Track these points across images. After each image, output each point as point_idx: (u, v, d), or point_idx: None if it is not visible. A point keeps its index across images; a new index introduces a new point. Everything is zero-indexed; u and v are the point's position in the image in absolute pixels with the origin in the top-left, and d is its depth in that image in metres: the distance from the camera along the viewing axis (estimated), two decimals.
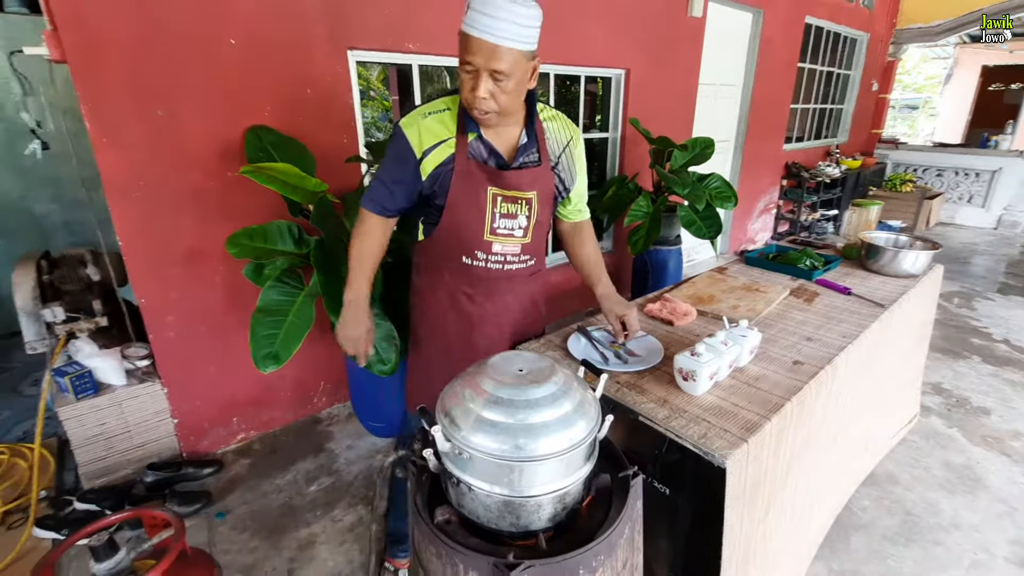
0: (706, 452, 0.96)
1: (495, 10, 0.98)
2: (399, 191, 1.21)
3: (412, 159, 1.17)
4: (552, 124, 1.28)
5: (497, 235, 1.23)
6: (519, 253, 1.28)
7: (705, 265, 4.75)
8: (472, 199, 1.19)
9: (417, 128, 1.16)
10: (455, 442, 0.78)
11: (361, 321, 1.25)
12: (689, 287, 1.80)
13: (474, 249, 1.24)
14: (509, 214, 1.22)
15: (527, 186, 1.22)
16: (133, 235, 1.87)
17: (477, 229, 1.22)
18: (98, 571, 0.94)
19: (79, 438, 1.95)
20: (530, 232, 1.27)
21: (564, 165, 1.30)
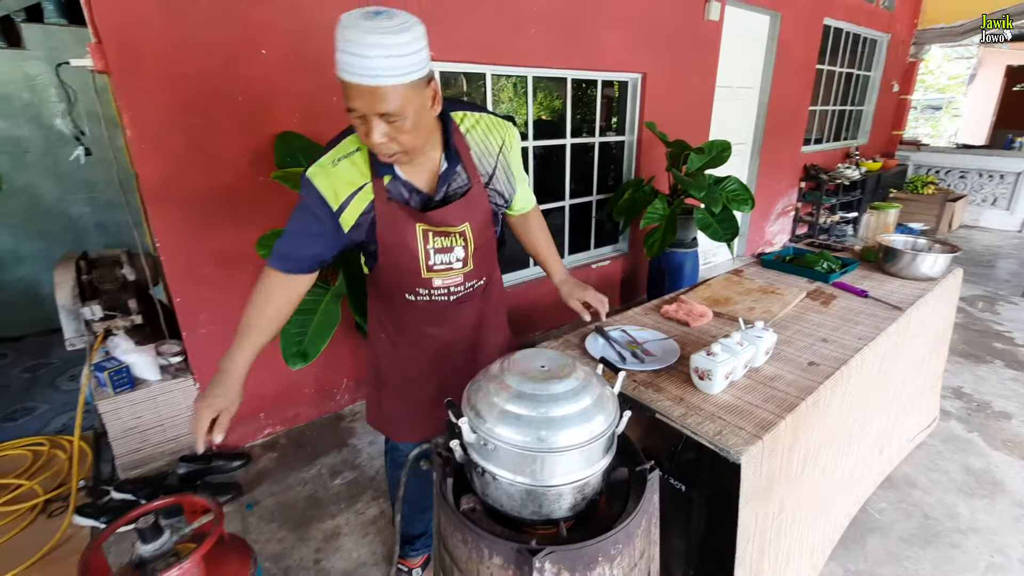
0: (721, 448, 1.00)
1: (364, 48, 0.83)
2: (311, 245, 1.08)
3: (327, 212, 1.06)
4: (476, 134, 1.13)
5: (435, 271, 1.15)
6: (463, 282, 1.20)
7: (722, 267, 4.75)
8: (401, 241, 1.10)
9: (328, 179, 1.04)
10: (480, 433, 0.83)
11: (224, 395, 1.04)
12: (705, 289, 1.83)
13: (415, 287, 1.17)
14: (443, 248, 1.13)
15: (456, 220, 1.11)
16: (169, 237, 1.96)
17: (413, 269, 1.14)
18: (144, 552, 1.00)
19: (116, 430, 2.04)
20: (470, 260, 1.18)
21: (500, 175, 1.17)
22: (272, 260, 1.10)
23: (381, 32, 0.84)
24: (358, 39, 0.84)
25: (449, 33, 2.47)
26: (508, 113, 3.41)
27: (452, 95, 3.54)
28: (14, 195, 3.48)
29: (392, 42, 0.84)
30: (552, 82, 3.30)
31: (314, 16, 2.07)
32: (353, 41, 0.84)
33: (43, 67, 3.37)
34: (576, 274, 3.42)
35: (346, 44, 0.85)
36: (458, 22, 2.48)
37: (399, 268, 1.14)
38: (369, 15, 0.86)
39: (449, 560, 0.93)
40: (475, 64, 2.66)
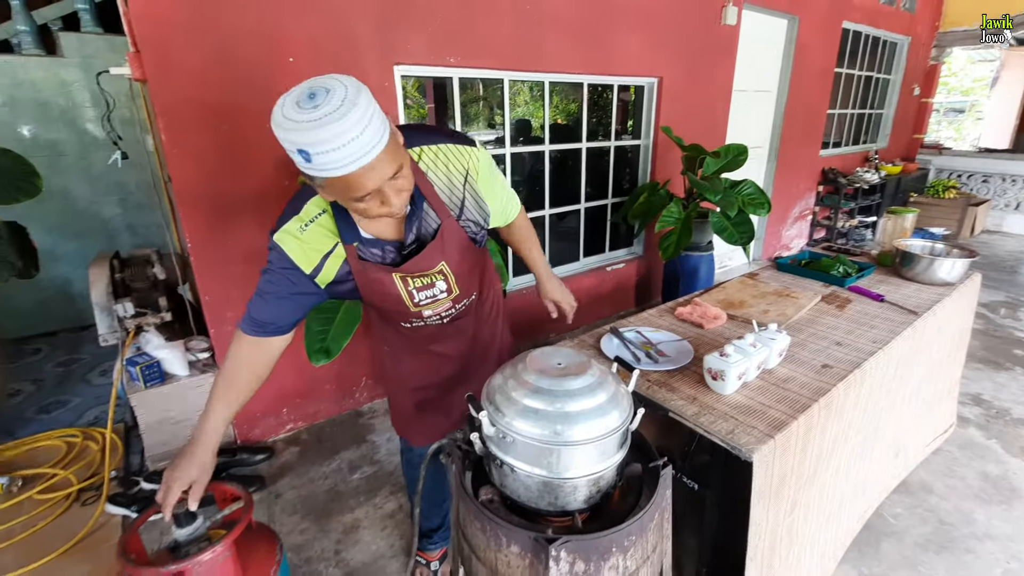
0: (733, 447, 1.02)
1: (333, 144, 0.77)
2: (286, 306, 1.05)
3: (300, 275, 1.03)
4: (438, 169, 1.06)
5: (422, 305, 1.14)
6: (452, 306, 1.20)
7: (738, 271, 4.73)
8: (382, 292, 1.10)
9: (298, 244, 1.01)
10: (499, 427, 0.87)
11: (194, 465, 1.02)
12: (720, 292, 1.85)
13: (407, 318, 1.20)
14: (425, 286, 1.12)
15: (430, 264, 1.08)
16: (199, 237, 2.04)
17: (400, 309, 1.14)
18: (179, 536, 1.06)
19: (147, 423, 2.12)
20: (454, 287, 1.15)
21: (470, 205, 1.11)
22: (245, 324, 1.06)
23: (335, 121, 0.76)
24: (323, 140, 0.76)
25: (468, 40, 2.53)
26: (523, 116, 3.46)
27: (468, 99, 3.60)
28: (50, 197, 3.62)
29: (351, 122, 0.77)
30: (568, 86, 3.33)
31: (338, 25, 2.14)
32: (319, 143, 0.77)
33: (78, 74, 3.51)
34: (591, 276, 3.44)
35: (314, 150, 0.77)
36: (477, 29, 2.54)
37: (387, 309, 1.17)
38: (306, 109, 0.77)
39: (468, 548, 0.97)
40: (493, 70, 2.72)
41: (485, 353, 1.42)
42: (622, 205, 3.56)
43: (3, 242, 2.14)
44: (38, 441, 2.42)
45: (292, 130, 0.77)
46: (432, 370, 1.36)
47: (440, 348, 1.33)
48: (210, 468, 1.06)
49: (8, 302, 3.60)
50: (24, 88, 3.41)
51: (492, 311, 1.41)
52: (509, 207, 1.25)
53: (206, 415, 1.05)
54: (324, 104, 0.77)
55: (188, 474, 1.02)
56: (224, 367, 1.07)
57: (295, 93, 0.81)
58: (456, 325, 1.29)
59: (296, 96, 0.80)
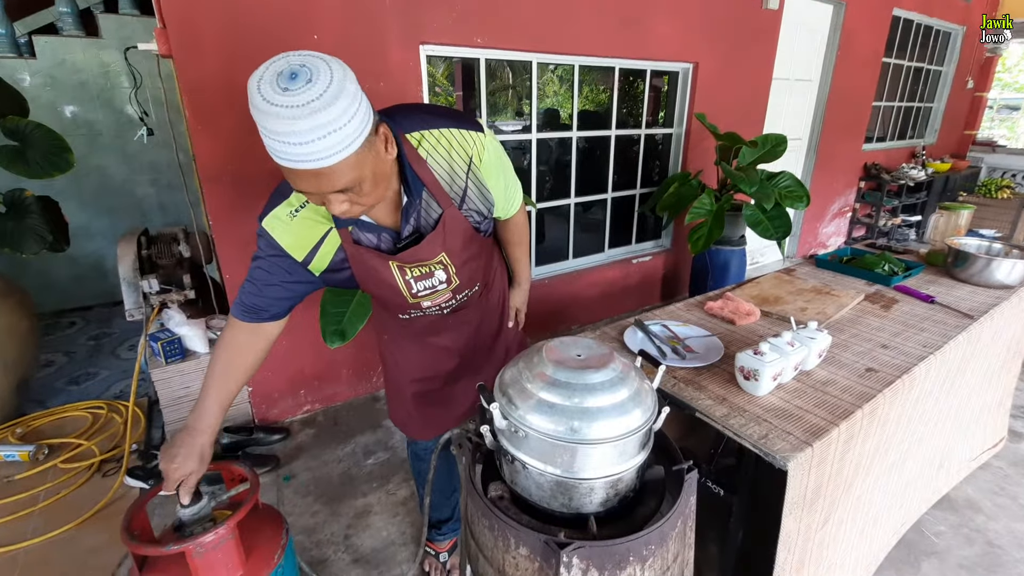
0: (766, 453, 0.94)
1: (293, 136, 0.70)
2: (278, 292, 1.01)
3: (292, 262, 0.98)
4: (439, 155, 0.97)
5: (420, 296, 1.09)
6: (452, 297, 1.14)
7: (771, 268, 4.56)
8: (378, 280, 1.04)
9: (287, 231, 0.96)
10: (512, 420, 0.81)
11: (192, 456, 0.99)
12: (753, 287, 1.75)
13: (405, 310, 1.15)
14: (423, 275, 1.06)
15: (430, 254, 1.02)
16: (222, 216, 2.03)
17: (397, 299, 1.09)
18: (183, 515, 1.04)
19: (167, 398, 2.14)
20: (454, 279, 1.10)
21: (472, 194, 1.03)
22: (236, 310, 1.02)
23: (308, 113, 0.68)
24: (283, 128, 0.69)
25: (496, 20, 2.45)
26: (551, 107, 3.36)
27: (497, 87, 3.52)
28: (87, 174, 3.71)
29: (323, 120, 0.69)
30: (598, 73, 3.22)
31: (364, 2, 2.09)
32: (278, 131, 0.70)
33: (116, 55, 3.56)
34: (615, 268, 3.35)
35: (270, 132, 0.71)
36: (506, 9, 2.45)
37: (384, 298, 1.11)
38: (280, 88, 0.69)
39: (475, 546, 0.92)
40: (522, 52, 2.63)
41: (490, 346, 1.36)
42: (651, 196, 3.44)
43: (35, 216, 2.18)
44: (66, 411, 2.47)
45: (261, 111, 0.69)
46: (432, 362, 1.31)
47: (440, 340, 1.27)
48: (208, 458, 1.03)
49: (45, 276, 3.71)
50: (65, 68, 3.48)
51: (498, 302, 1.35)
52: (512, 200, 1.16)
53: (201, 404, 1.02)
54: (298, 93, 0.69)
55: (187, 465, 0.99)
56: (217, 354, 1.03)
57: (273, 69, 0.72)
58: (458, 316, 1.24)
59: (274, 73, 0.71)
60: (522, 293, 1.44)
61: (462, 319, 1.26)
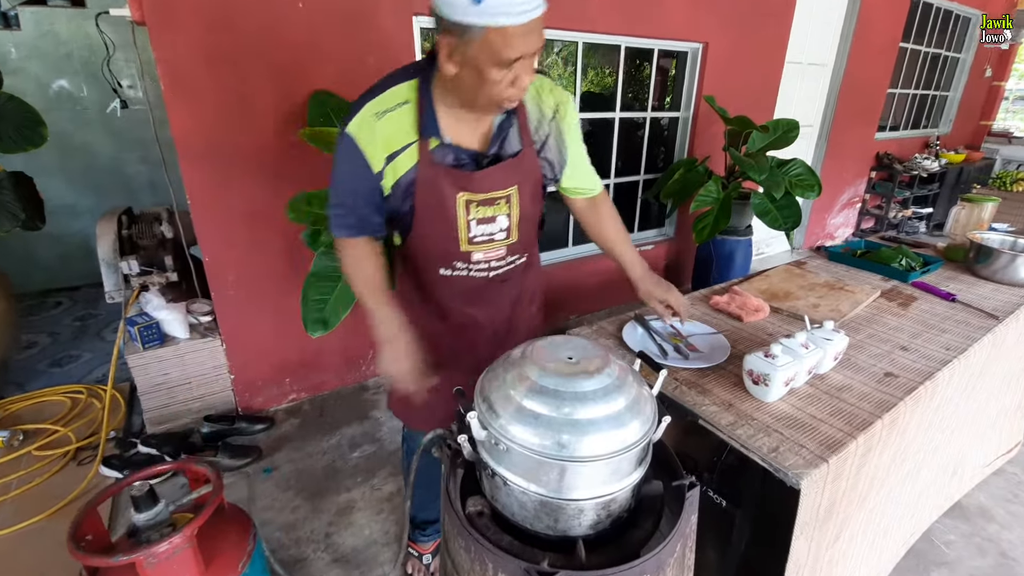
0: (777, 469, 0.84)
1: None
2: (368, 209, 1.00)
3: (368, 175, 0.96)
4: (531, 94, 1.02)
5: (475, 244, 1.04)
6: (505, 255, 1.10)
7: (777, 260, 4.44)
8: (441, 212, 0.99)
9: (371, 134, 0.93)
10: (492, 431, 0.71)
11: (409, 353, 1.00)
12: (762, 281, 1.64)
13: (452, 260, 1.07)
14: (486, 219, 1.03)
15: (504, 183, 1.01)
16: (201, 193, 1.92)
17: (451, 242, 1.03)
18: (137, 521, 0.96)
19: (144, 385, 2.06)
20: (514, 231, 1.07)
21: (552, 143, 1.06)
22: (339, 231, 1.03)
23: None
24: None
25: None
26: None
27: None
28: (73, 151, 3.59)
29: None
30: (603, 55, 3.07)
31: None
32: None
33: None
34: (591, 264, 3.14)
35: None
36: None
37: (436, 239, 1.04)
38: None
39: (451, 565, 0.83)
40: None
41: (517, 330, 1.26)
42: (655, 182, 3.31)
43: (6, 192, 2.07)
44: (45, 396, 2.39)
45: None
46: (457, 341, 1.20)
47: (475, 311, 1.18)
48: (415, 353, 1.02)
49: (30, 255, 3.61)
50: (49, 40, 3.34)
51: (534, 285, 1.28)
52: (586, 171, 1.19)
53: (381, 313, 1.01)
54: None
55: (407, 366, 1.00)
56: (356, 273, 1.04)
57: None
58: (499, 286, 1.16)
59: None
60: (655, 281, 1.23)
61: (503, 290, 1.18)
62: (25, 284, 3.67)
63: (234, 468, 1.94)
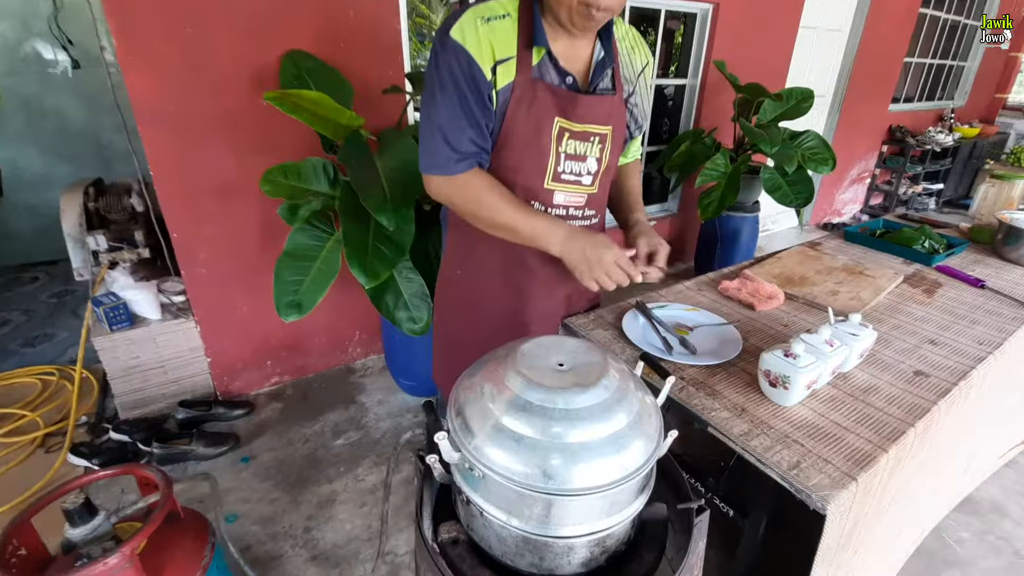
0: (800, 490, 0.73)
1: None
2: (479, 127, 0.90)
3: (482, 79, 0.87)
4: (625, 44, 1.03)
5: (561, 182, 0.99)
6: (583, 206, 1.05)
7: (783, 237, 4.30)
8: (534, 136, 0.93)
9: (477, 37, 0.86)
10: (465, 453, 0.59)
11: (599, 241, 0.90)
12: (775, 264, 1.51)
13: (530, 200, 0.99)
14: (577, 155, 0.98)
15: (603, 118, 0.98)
16: (164, 164, 1.76)
17: (537, 174, 0.97)
18: (72, 535, 0.85)
19: (114, 369, 1.94)
20: (598, 180, 1.04)
21: (638, 98, 1.07)
22: (444, 166, 0.91)
23: None
24: None
25: None
26: None
27: None
28: (44, 117, 3.39)
29: None
30: None
31: None
32: None
33: None
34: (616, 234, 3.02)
35: None
36: None
37: (520, 170, 0.97)
38: None
39: None
40: None
41: (579, 299, 1.21)
42: (658, 155, 3.14)
43: None
44: (15, 377, 2.28)
45: None
46: (513, 303, 1.11)
47: (539, 270, 1.08)
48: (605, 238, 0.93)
49: (6, 228, 3.46)
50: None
51: None
52: (640, 141, 1.20)
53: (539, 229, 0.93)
54: None
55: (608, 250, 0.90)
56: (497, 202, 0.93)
57: None
58: None
59: None
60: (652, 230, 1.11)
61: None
62: (1, 258, 3.52)
63: (209, 457, 1.84)
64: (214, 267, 1.97)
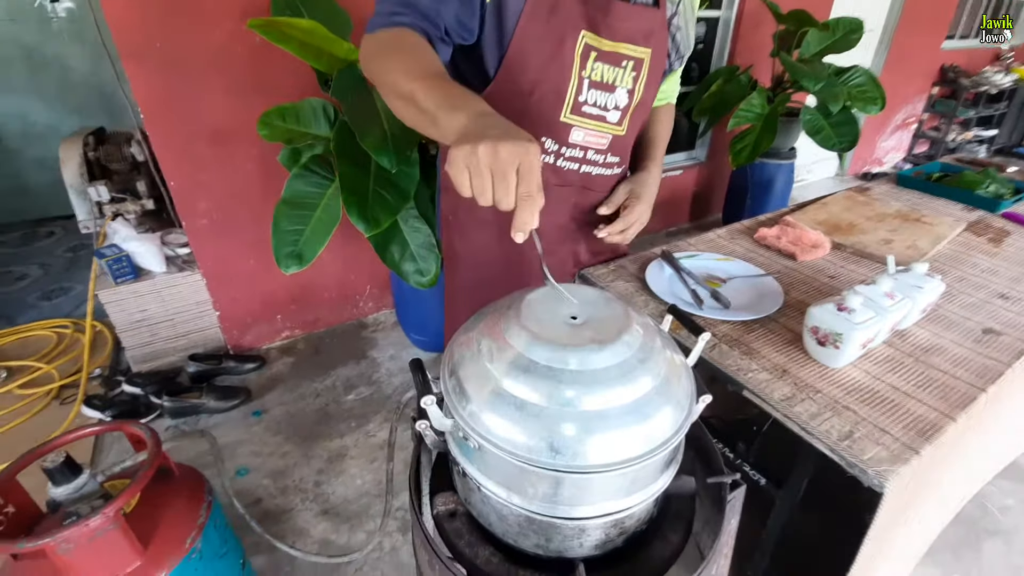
0: (852, 464, 0.63)
1: None
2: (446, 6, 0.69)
3: None
4: None
5: (581, 115, 0.82)
6: (605, 150, 0.88)
7: (818, 188, 4.04)
8: (551, 53, 0.75)
9: None
10: (459, 421, 0.50)
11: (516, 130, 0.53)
12: (819, 210, 1.35)
13: (541, 134, 0.82)
14: (604, 84, 0.81)
15: (641, 38, 0.80)
16: (155, 106, 1.66)
17: (552, 103, 0.79)
18: (55, 495, 0.80)
19: (122, 322, 1.91)
20: (627, 118, 0.86)
21: (681, 20, 0.87)
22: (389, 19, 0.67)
23: None
24: None
25: None
26: None
27: None
28: (45, 66, 3.29)
29: None
30: None
31: None
32: None
33: None
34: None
35: None
36: None
37: (531, 95, 0.78)
38: None
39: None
40: None
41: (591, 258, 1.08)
42: (687, 96, 2.90)
43: None
44: (32, 330, 2.29)
45: None
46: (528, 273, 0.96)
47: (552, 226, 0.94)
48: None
49: (20, 181, 3.44)
50: None
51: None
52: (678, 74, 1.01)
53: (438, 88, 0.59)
54: None
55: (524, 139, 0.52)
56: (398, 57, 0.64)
57: None
58: (587, 194, 0.95)
59: None
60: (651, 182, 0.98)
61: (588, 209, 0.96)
62: (18, 213, 3.52)
63: (220, 411, 1.82)
64: (215, 218, 1.89)
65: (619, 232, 0.94)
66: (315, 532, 1.42)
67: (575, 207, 0.96)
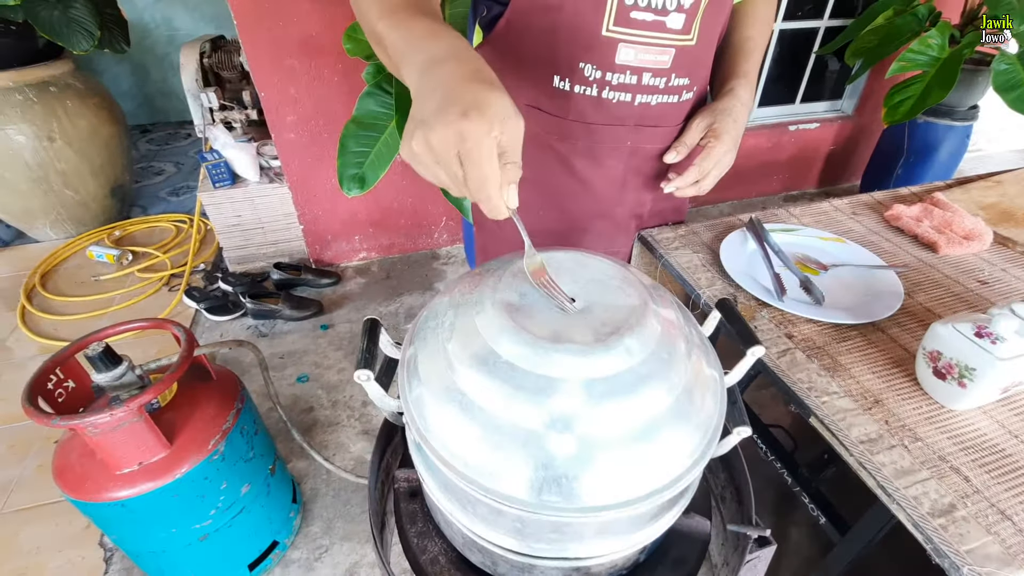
0: (941, 552, 0.45)
1: None
2: None
3: None
4: None
5: (631, 26, 0.60)
6: (668, 70, 0.64)
7: (998, 163, 3.26)
8: None
9: None
10: (413, 429, 0.41)
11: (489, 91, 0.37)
12: (988, 188, 1.03)
13: (578, 58, 0.63)
14: None
15: None
16: (247, 14, 1.65)
17: (588, 9, 0.59)
18: (99, 379, 0.87)
19: (219, 224, 2.06)
20: (697, 22, 0.61)
21: None
22: None
23: None
24: None
25: None
26: None
27: None
28: None
29: None
30: None
31: None
32: None
33: None
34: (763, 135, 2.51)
35: None
36: None
37: (561, 7, 0.59)
38: None
39: None
40: None
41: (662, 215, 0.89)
42: (842, 31, 2.37)
43: (78, 7, 1.98)
44: (158, 221, 2.57)
45: None
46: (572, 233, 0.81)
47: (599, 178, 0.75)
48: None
49: (167, 86, 3.79)
50: None
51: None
52: None
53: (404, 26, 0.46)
54: None
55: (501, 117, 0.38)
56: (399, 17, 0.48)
57: None
58: (646, 134, 0.71)
59: None
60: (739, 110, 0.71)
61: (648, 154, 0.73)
62: (164, 114, 3.92)
63: (294, 319, 1.93)
64: (302, 132, 1.91)
65: (692, 184, 0.72)
66: (354, 449, 1.48)
67: (632, 153, 0.72)
